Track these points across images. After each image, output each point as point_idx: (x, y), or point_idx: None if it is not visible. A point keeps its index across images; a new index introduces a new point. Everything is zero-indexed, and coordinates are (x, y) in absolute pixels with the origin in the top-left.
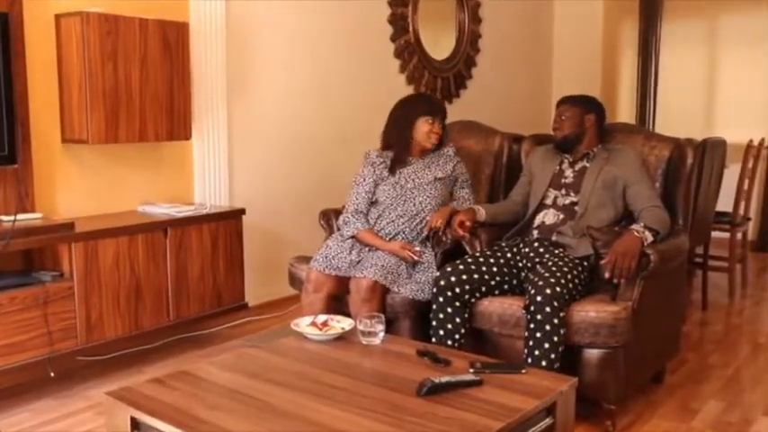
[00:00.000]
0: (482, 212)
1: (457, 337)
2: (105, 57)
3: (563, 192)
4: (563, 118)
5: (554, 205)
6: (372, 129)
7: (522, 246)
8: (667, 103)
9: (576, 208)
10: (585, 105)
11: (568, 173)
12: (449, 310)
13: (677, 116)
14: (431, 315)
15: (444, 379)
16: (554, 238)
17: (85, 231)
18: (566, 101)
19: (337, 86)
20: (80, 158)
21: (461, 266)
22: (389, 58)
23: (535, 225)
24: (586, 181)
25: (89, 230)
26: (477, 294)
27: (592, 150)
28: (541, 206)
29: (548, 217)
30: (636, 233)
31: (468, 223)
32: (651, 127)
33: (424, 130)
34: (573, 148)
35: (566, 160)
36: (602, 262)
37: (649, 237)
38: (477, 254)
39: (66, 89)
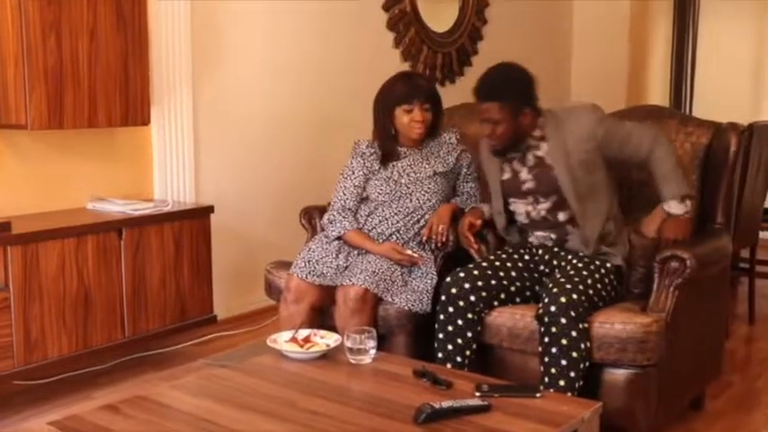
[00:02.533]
0: (487, 211)
1: (467, 353)
2: (47, 28)
3: (530, 200)
4: (494, 123)
5: (533, 224)
6: (362, 114)
7: (538, 248)
8: (707, 83)
9: (561, 216)
10: (517, 100)
11: (524, 174)
12: (459, 322)
13: (718, 98)
14: (436, 327)
15: (446, 404)
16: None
17: (24, 233)
18: (488, 96)
19: (322, 64)
20: (18, 147)
21: (475, 271)
22: (382, 31)
23: (535, 244)
24: (558, 174)
25: (29, 231)
26: (496, 303)
27: (535, 132)
28: (524, 226)
29: (540, 240)
30: (676, 217)
31: (478, 224)
32: (688, 110)
33: (403, 121)
34: (517, 148)
35: (512, 158)
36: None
37: (689, 205)
38: (492, 257)
39: (1, 66)
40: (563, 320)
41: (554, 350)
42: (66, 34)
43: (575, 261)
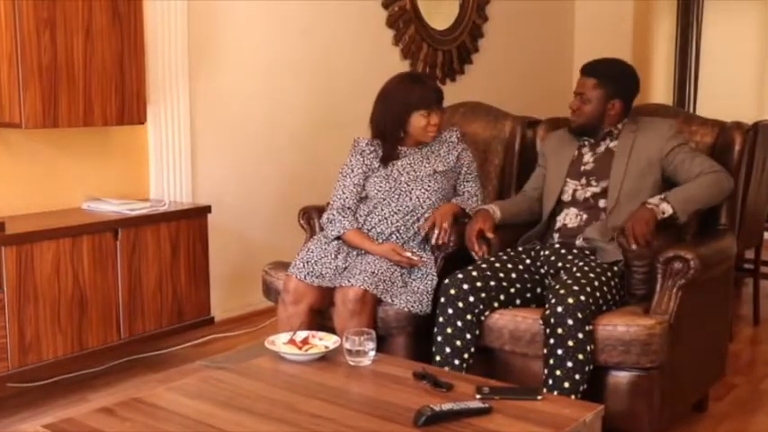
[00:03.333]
0: (497, 213)
1: (466, 356)
2: (41, 26)
3: (583, 181)
4: (584, 99)
5: (574, 202)
6: (361, 112)
7: (541, 250)
8: (711, 82)
9: (602, 203)
10: (614, 87)
11: (588, 157)
12: (459, 324)
13: (723, 96)
14: (435, 330)
15: (446, 406)
16: (578, 242)
17: (18, 233)
18: (591, 72)
19: (321, 62)
20: (12, 146)
21: (474, 272)
22: (381, 28)
23: (555, 228)
24: (616, 165)
25: (23, 232)
26: (495, 305)
27: (616, 127)
28: (560, 204)
29: (569, 218)
30: (648, 205)
31: (489, 234)
32: (692, 109)
33: (420, 125)
34: (593, 131)
35: (585, 143)
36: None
37: (666, 210)
38: (492, 258)
39: None
40: (570, 322)
41: (560, 352)
42: (60, 31)
43: (582, 264)
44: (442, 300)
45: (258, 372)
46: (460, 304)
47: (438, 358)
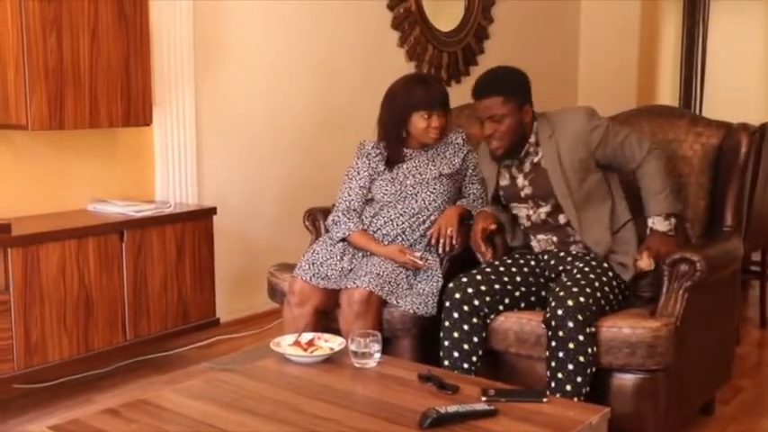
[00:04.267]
0: (499, 215)
1: (474, 359)
2: (47, 27)
3: (530, 204)
4: (497, 119)
5: (534, 226)
6: (367, 113)
7: (542, 254)
8: (717, 83)
9: (561, 218)
10: (520, 95)
11: (521, 180)
12: (465, 327)
13: (729, 98)
14: (441, 334)
15: (452, 409)
16: (573, 249)
17: (25, 234)
18: (492, 90)
19: (326, 63)
20: (18, 147)
21: (479, 276)
22: (387, 30)
23: (537, 252)
24: (554, 181)
25: (29, 233)
26: (501, 308)
27: (528, 141)
28: (524, 230)
29: (542, 243)
30: (665, 232)
31: (491, 226)
32: (698, 110)
33: (420, 126)
34: (518, 148)
35: (509, 164)
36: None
37: (672, 222)
38: (497, 262)
39: (0, 66)
40: (570, 324)
41: (561, 354)
42: (66, 33)
43: (581, 265)
44: (447, 304)
45: (263, 373)
46: (466, 308)
47: (446, 363)
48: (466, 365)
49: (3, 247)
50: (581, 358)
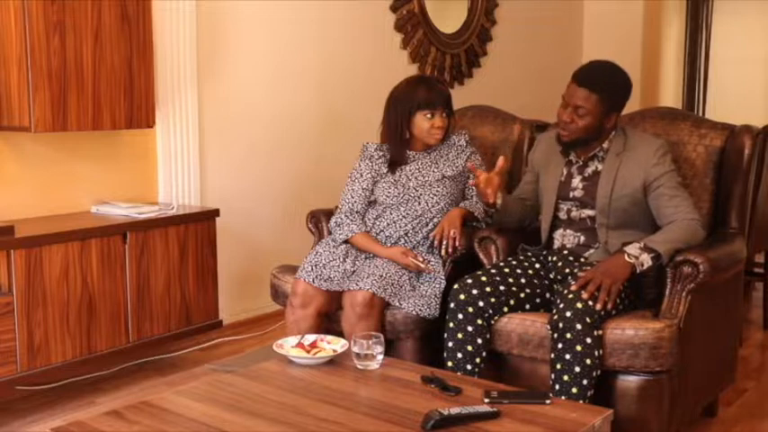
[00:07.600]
0: (499, 195)
1: (477, 361)
2: (50, 29)
3: (576, 205)
4: (579, 112)
5: (570, 222)
6: (370, 115)
7: (549, 255)
8: (721, 85)
9: (596, 225)
10: (613, 101)
11: (576, 181)
12: (469, 329)
13: (732, 100)
14: (445, 335)
15: (454, 410)
16: (584, 259)
17: (28, 236)
18: (589, 83)
19: (329, 65)
20: (21, 149)
21: (483, 277)
22: (390, 32)
23: (555, 247)
24: (600, 193)
25: (32, 235)
26: (505, 309)
27: (602, 148)
28: (556, 221)
29: (566, 239)
30: (627, 257)
31: (498, 173)
32: (701, 112)
33: (423, 126)
34: (585, 146)
35: (573, 162)
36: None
37: (647, 261)
38: (501, 263)
39: (4, 68)
40: (578, 326)
41: (568, 357)
42: (69, 35)
43: (588, 268)
44: (452, 305)
45: (266, 375)
46: (470, 309)
47: (450, 364)
48: (469, 367)
49: (6, 248)
50: (588, 361)
